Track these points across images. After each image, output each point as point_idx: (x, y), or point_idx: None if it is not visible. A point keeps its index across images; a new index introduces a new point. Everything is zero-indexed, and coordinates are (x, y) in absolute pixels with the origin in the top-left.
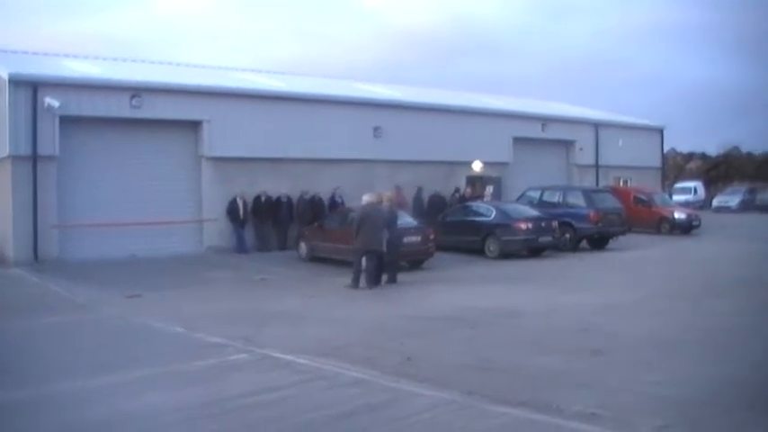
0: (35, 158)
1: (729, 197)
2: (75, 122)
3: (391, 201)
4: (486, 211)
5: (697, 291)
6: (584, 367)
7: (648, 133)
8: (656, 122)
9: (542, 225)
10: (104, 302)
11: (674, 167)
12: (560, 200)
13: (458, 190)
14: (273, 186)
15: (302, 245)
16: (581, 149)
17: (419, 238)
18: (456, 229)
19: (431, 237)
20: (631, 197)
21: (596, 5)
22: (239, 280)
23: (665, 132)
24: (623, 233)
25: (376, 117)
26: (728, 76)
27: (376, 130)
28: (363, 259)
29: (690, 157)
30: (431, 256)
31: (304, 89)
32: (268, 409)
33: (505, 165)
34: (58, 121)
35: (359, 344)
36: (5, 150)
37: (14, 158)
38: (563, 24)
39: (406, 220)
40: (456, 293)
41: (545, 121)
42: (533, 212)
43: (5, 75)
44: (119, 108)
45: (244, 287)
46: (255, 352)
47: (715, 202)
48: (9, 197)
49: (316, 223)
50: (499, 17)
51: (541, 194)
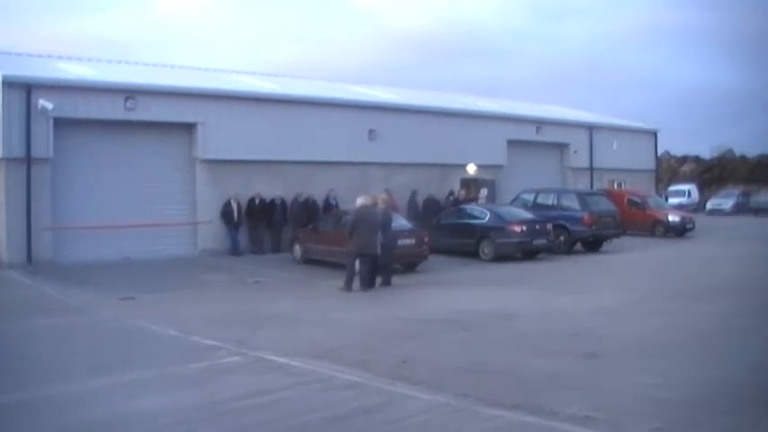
0: (29, 161)
1: (723, 200)
2: (70, 124)
3: (386, 203)
4: (481, 213)
5: (691, 293)
6: (578, 370)
7: (643, 136)
8: (651, 125)
9: (537, 228)
10: (98, 305)
11: (668, 170)
12: (554, 202)
13: (452, 193)
14: (268, 189)
15: (296, 247)
16: (575, 152)
17: (413, 240)
18: (450, 231)
19: (425, 239)
20: (625, 200)
21: (591, 8)
22: (233, 282)
23: (659, 135)
24: (617, 236)
25: (371, 120)
26: (723, 79)
27: (371, 132)
28: (357, 262)
29: (684, 159)
30: (425, 258)
31: (299, 91)
32: (262, 412)
33: (500, 167)
34: (51, 123)
35: (353, 346)
36: None
37: (8, 161)
38: (558, 27)
39: (400, 222)
40: (450, 296)
41: (539, 123)
42: (528, 215)
43: None
44: (113, 110)
45: (238, 290)
46: (249, 355)
47: (709, 204)
48: (2, 199)
49: (310, 225)
50: (496, 20)
51: (536, 197)
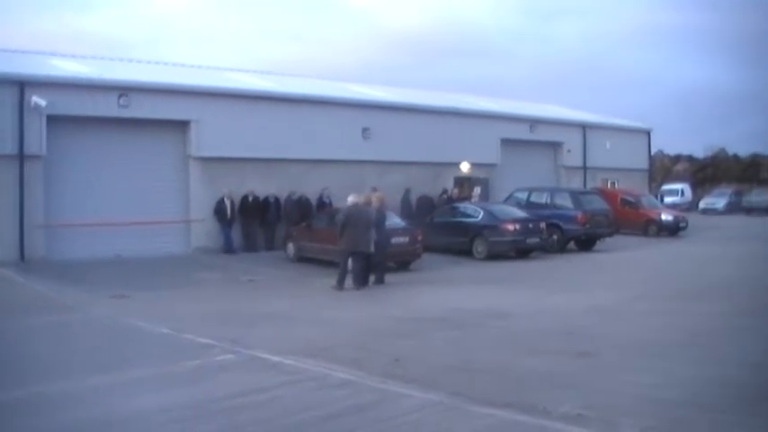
0: (22, 158)
1: (716, 199)
2: (63, 122)
3: (380, 201)
4: (474, 212)
5: (684, 292)
6: (571, 369)
7: (636, 135)
8: (644, 124)
9: (530, 226)
10: (91, 303)
11: (662, 169)
12: (548, 201)
13: (445, 191)
14: (262, 187)
15: (290, 245)
16: (569, 151)
17: (407, 239)
18: (444, 230)
19: (418, 238)
20: (619, 199)
21: (585, 8)
22: (227, 280)
23: (652, 134)
24: (610, 235)
25: (365, 118)
26: (716, 79)
27: (365, 131)
28: (350, 260)
29: (677, 159)
30: (418, 257)
31: (293, 90)
32: (256, 410)
33: (493, 166)
34: (45, 120)
35: (346, 345)
36: None
37: (1, 158)
38: (552, 27)
39: (393, 221)
40: (443, 295)
41: (533, 122)
42: (521, 214)
43: None
44: (106, 107)
45: (231, 288)
46: (243, 353)
47: (702, 203)
48: None
49: (303, 224)
50: (489, 19)
51: (529, 196)
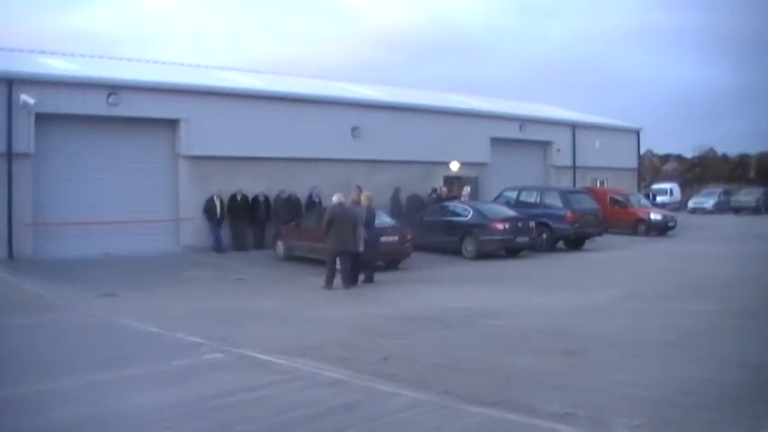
0: (10, 156)
1: (705, 199)
2: (51, 120)
3: (370, 200)
4: (464, 211)
5: (672, 291)
6: (560, 368)
7: (625, 135)
8: (633, 124)
9: (519, 225)
10: (79, 302)
11: (651, 169)
12: (537, 200)
13: (435, 190)
14: (251, 185)
15: (279, 244)
16: (558, 150)
17: (396, 238)
18: (433, 229)
19: (408, 237)
20: (608, 198)
21: (575, 9)
22: (216, 279)
23: (641, 134)
24: (600, 234)
25: (354, 117)
26: (705, 78)
27: (354, 129)
28: (337, 260)
29: (666, 158)
30: (408, 256)
31: (283, 88)
32: (245, 409)
33: (483, 165)
34: (33, 118)
35: (335, 344)
36: None
37: None
38: (542, 26)
39: (383, 219)
40: (433, 294)
41: (523, 121)
42: (510, 213)
43: None
44: (96, 106)
45: (220, 287)
46: (232, 352)
47: (691, 203)
48: None
49: (293, 222)
50: (479, 19)
51: (518, 195)
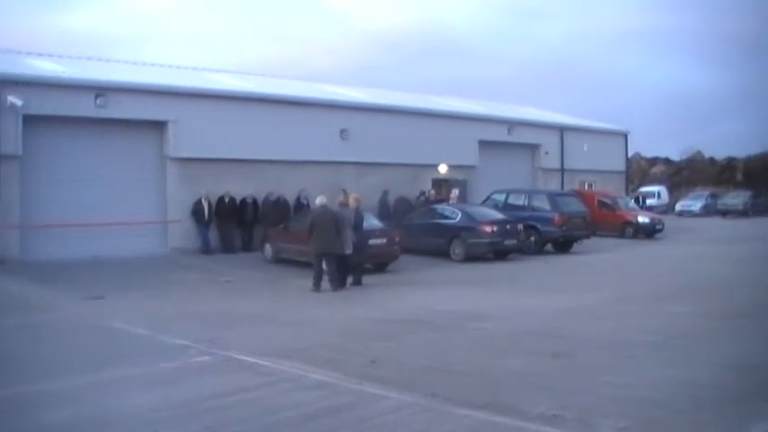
0: None
1: (692, 201)
2: (39, 121)
3: (358, 202)
4: (452, 213)
5: (660, 294)
6: (548, 370)
7: (613, 138)
8: (621, 127)
9: (507, 228)
10: (67, 304)
11: (639, 172)
12: (525, 203)
13: (423, 193)
14: (240, 187)
15: (267, 246)
16: (546, 153)
17: (384, 240)
18: (421, 231)
19: (396, 239)
20: (596, 201)
21: (563, 10)
22: (204, 282)
23: (629, 137)
24: (588, 236)
25: (343, 119)
26: (693, 81)
27: (343, 132)
28: (323, 262)
29: (654, 161)
30: (396, 258)
31: (271, 91)
32: (231, 412)
33: (471, 168)
34: (20, 119)
35: (323, 346)
36: None
37: None
38: (531, 28)
39: (371, 222)
40: (421, 296)
41: (511, 124)
42: (499, 215)
43: None
44: (84, 107)
45: (208, 289)
46: (219, 354)
47: (678, 206)
48: None
49: (281, 225)
50: (469, 20)
51: (507, 197)
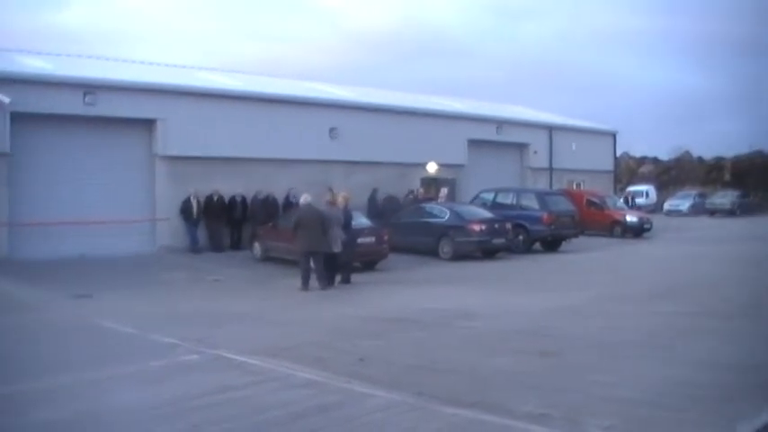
0: None
1: (680, 201)
2: (27, 119)
3: (346, 201)
4: (440, 212)
5: (647, 293)
6: (537, 368)
7: (602, 137)
8: (610, 126)
9: (496, 227)
10: (54, 303)
11: (627, 171)
12: (514, 202)
13: (412, 191)
14: (229, 186)
15: (256, 245)
16: (535, 152)
17: (373, 238)
18: (410, 230)
19: (385, 238)
20: (584, 200)
21: (551, 9)
22: (192, 280)
23: (617, 136)
24: (576, 235)
25: (332, 118)
26: (681, 81)
27: (332, 130)
28: (311, 261)
29: (642, 161)
30: (385, 257)
31: (260, 89)
32: (219, 410)
33: (460, 167)
34: (8, 117)
35: (311, 345)
36: None
37: None
38: (518, 27)
39: (360, 220)
40: (409, 295)
41: (500, 123)
42: (487, 214)
43: None
44: (72, 105)
45: (197, 288)
46: (208, 353)
47: (666, 205)
48: None
49: (270, 223)
50: (456, 20)
51: (495, 196)
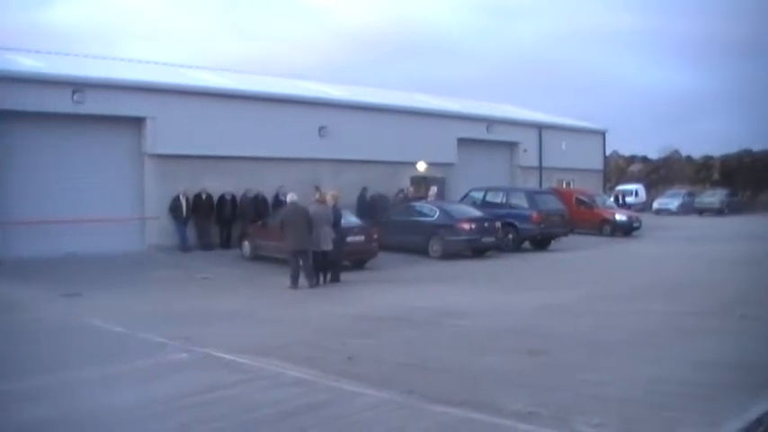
0: None
1: (669, 200)
2: (16, 117)
3: (336, 200)
4: (430, 211)
5: (635, 292)
6: (526, 367)
7: (591, 136)
8: (599, 125)
9: (485, 225)
10: (43, 301)
11: (616, 170)
12: (503, 201)
13: (402, 190)
14: (218, 184)
15: (245, 243)
16: (525, 151)
17: (363, 237)
18: (400, 228)
19: (374, 236)
20: (574, 199)
21: (541, 8)
22: (181, 279)
23: (607, 135)
24: (565, 234)
25: (321, 116)
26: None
27: (321, 129)
28: (300, 260)
29: (631, 160)
30: (374, 255)
31: (250, 87)
32: (209, 409)
33: (450, 165)
34: None
35: (300, 343)
36: None
37: None
38: (508, 26)
39: (349, 219)
40: (399, 293)
41: (490, 122)
42: (477, 213)
43: None
44: (60, 103)
45: (186, 286)
46: (197, 351)
47: (655, 204)
48: None
49: (259, 222)
50: (448, 19)
51: (485, 195)
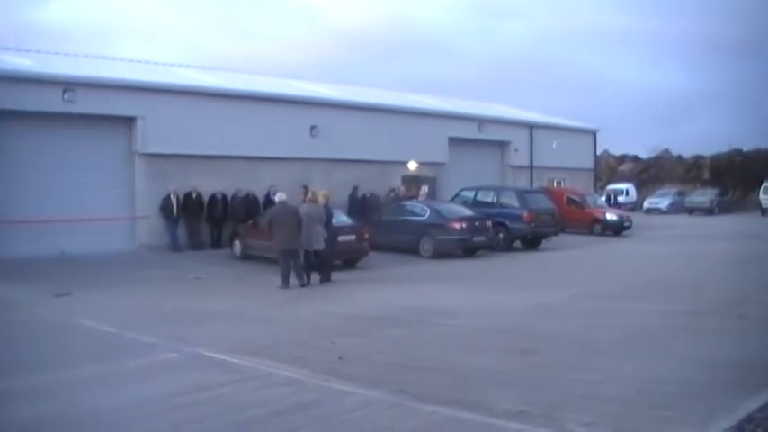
0: None
1: (660, 199)
2: (5, 116)
3: (327, 199)
4: (421, 210)
5: (625, 291)
6: (517, 366)
7: (582, 135)
8: (590, 125)
9: (476, 225)
10: (33, 301)
11: (607, 169)
12: (494, 200)
13: (393, 189)
14: (209, 184)
15: (236, 243)
16: (516, 150)
17: (354, 236)
18: (391, 228)
19: (365, 236)
20: (564, 198)
21: (532, 8)
22: (172, 279)
23: (598, 135)
24: (556, 233)
25: (313, 116)
26: (661, 81)
27: (312, 128)
28: (290, 259)
29: (622, 159)
30: (365, 255)
31: (241, 87)
32: (199, 409)
33: (441, 165)
34: None
35: (291, 343)
36: None
37: None
38: (500, 26)
39: (340, 218)
40: (390, 293)
41: (481, 121)
42: (467, 212)
43: None
44: (51, 102)
45: (177, 286)
46: (187, 351)
47: (646, 203)
48: None
49: (250, 221)
50: (439, 18)
51: (476, 194)
